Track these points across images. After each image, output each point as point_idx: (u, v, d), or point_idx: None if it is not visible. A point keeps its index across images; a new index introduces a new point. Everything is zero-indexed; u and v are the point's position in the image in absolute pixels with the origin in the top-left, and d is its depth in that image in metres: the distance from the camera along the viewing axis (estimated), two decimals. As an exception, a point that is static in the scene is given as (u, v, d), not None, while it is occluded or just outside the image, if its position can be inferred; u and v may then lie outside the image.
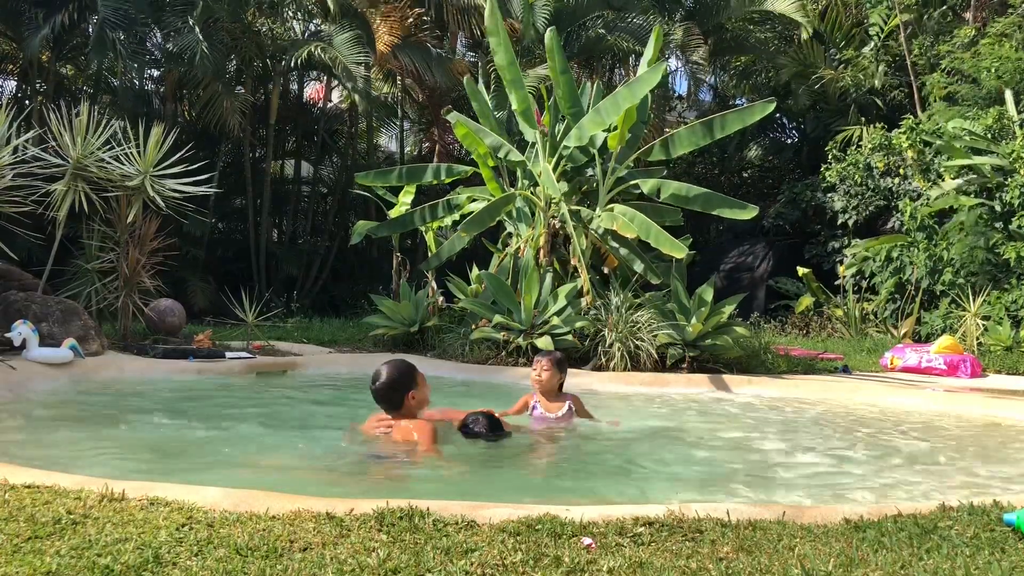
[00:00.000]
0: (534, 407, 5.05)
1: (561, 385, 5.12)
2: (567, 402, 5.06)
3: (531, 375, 5.14)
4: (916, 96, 14.43)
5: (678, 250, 7.81)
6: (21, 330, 6.14)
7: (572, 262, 8.59)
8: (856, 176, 13.55)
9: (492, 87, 12.28)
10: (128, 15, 11.78)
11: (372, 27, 13.54)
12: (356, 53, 12.84)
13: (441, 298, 9.37)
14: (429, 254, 10.26)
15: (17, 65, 14.03)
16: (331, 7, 13.36)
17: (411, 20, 14.11)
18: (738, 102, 18.09)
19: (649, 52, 8.94)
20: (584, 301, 8.10)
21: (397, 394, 4.23)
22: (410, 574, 2.28)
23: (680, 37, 15.04)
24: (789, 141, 18.58)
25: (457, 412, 4.75)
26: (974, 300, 10.81)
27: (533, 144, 9.24)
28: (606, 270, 9.09)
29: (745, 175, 18.46)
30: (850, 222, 13.80)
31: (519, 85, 9.11)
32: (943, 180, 12.14)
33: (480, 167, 9.54)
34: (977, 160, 11.12)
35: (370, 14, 13.56)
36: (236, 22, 13.24)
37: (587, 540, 2.55)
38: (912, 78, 14.49)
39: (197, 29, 12.11)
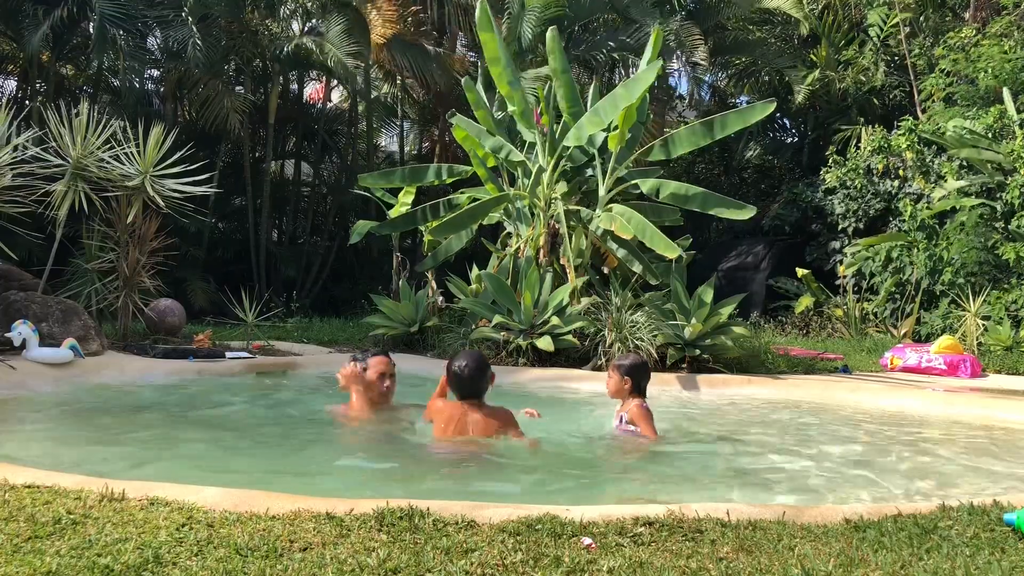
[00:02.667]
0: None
1: (634, 390, 4.84)
2: (620, 410, 4.86)
3: None
4: (915, 96, 14.43)
5: (671, 250, 7.84)
6: (21, 330, 6.13)
7: (562, 261, 8.59)
8: (857, 181, 13.56)
9: (488, 85, 12.28)
10: (126, 12, 11.79)
11: (367, 20, 13.54)
12: (349, 44, 12.82)
13: (441, 298, 9.37)
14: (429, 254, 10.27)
15: (17, 65, 14.04)
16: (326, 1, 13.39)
17: (409, 18, 14.11)
18: (738, 102, 18.09)
19: (648, 52, 8.95)
20: (572, 303, 8.10)
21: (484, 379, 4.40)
22: (410, 574, 2.28)
23: (681, 37, 15.04)
24: (789, 141, 18.58)
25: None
26: (974, 300, 10.81)
27: (533, 144, 9.25)
28: (606, 270, 9.09)
29: (745, 175, 18.47)
30: (850, 229, 13.81)
31: (516, 86, 9.10)
32: (944, 181, 12.15)
33: (476, 168, 9.54)
34: (981, 155, 11.13)
35: (365, 9, 13.57)
36: (233, 21, 13.24)
37: (587, 540, 2.55)
38: (912, 78, 14.49)
39: (191, 21, 12.12)
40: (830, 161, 14.14)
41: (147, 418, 5.25)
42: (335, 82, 16.54)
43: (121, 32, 12.03)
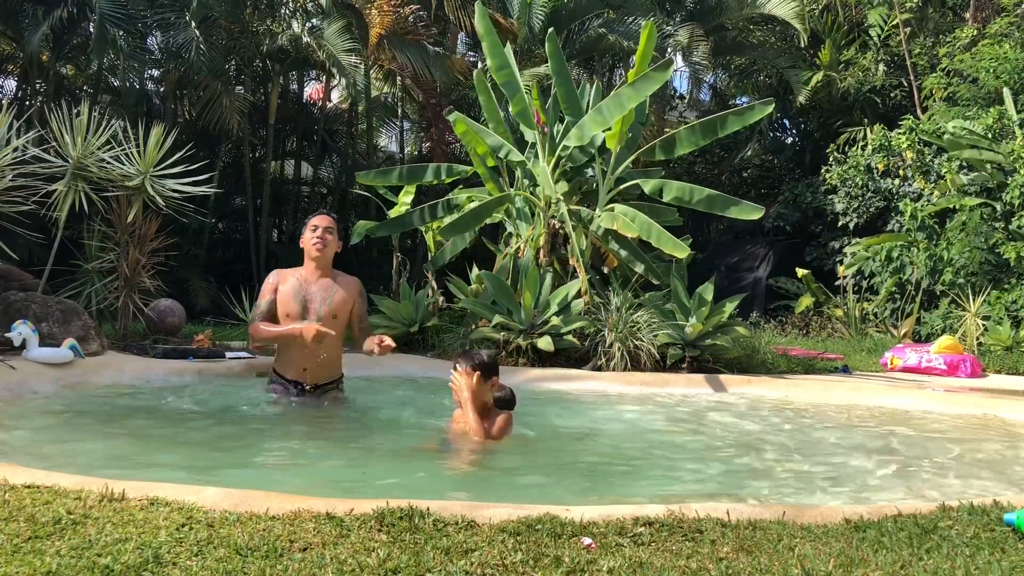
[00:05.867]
0: None
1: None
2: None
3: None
4: (916, 96, 14.43)
5: (680, 250, 7.81)
6: (21, 330, 6.12)
7: (571, 262, 8.59)
8: (857, 179, 13.56)
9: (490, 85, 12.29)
10: (126, 12, 11.80)
11: (367, 19, 13.58)
12: (346, 40, 12.84)
13: (441, 298, 9.37)
14: (429, 254, 10.26)
15: (17, 65, 14.05)
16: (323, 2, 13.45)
17: (408, 16, 14.12)
18: (738, 102, 18.10)
19: (641, 47, 8.75)
20: (582, 301, 8.09)
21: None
22: (410, 574, 2.28)
23: (681, 37, 15.04)
24: (789, 141, 18.59)
25: None
26: (974, 300, 10.81)
27: (533, 144, 9.24)
28: (606, 270, 9.09)
29: (745, 175, 18.47)
30: (851, 224, 13.82)
31: (515, 88, 9.10)
32: (944, 180, 12.16)
33: (477, 166, 9.54)
34: (982, 156, 11.15)
35: (365, 9, 13.60)
36: (234, 22, 13.25)
37: (587, 540, 2.55)
38: (912, 78, 14.50)
39: (193, 24, 12.13)
40: (831, 159, 14.14)
41: (147, 418, 5.26)
42: (335, 82, 16.55)
43: (121, 32, 12.04)
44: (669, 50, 15.11)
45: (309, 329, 5.08)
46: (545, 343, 7.58)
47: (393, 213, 10.50)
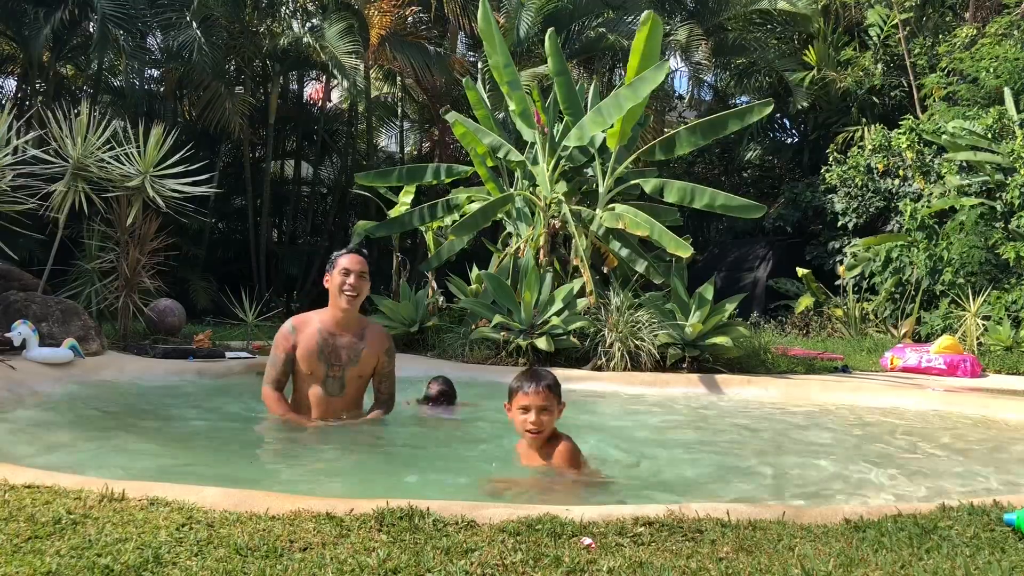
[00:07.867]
0: None
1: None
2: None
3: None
4: (915, 96, 14.43)
5: (683, 249, 7.82)
6: (21, 330, 6.12)
7: (574, 261, 8.59)
8: (857, 179, 13.57)
9: (488, 86, 12.31)
10: (127, 13, 11.81)
11: (367, 20, 13.60)
12: (347, 42, 12.87)
13: (441, 298, 9.38)
14: (429, 254, 10.28)
15: (18, 65, 14.05)
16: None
17: (409, 17, 14.14)
18: (738, 102, 18.11)
19: (644, 43, 8.59)
20: (588, 300, 8.09)
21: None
22: (410, 574, 2.28)
23: (680, 37, 15.05)
24: (789, 141, 18.60)
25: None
26: (974, 300, 10.81)
27: (532, 144, 9.25)
28: (606, 270, 9.10)
29: (745, 175, 18.48)
30: (850, 224, 13.82)
31: (516, 87, 9.11)
32: (943, 180, 12.16)
33: (477, 167, 9.54)
34: (980, 157, 11.15)
35: (365, 9, 13.62)
36: (234, 22, 13.26)
37: (587, 540, 2.55)
38: (912, 78, 14.50)
39: (195, 25, 12.15)
40: (831, 159, 14.15)
41: (147, 418, 5.25)
42: (335, 82, 16.57)
43: (122, 32, 12.05)
44: (669, 50, 15.11)
45: (309, 428, 4.66)
46: (545, 343, 7.58)
47: (393, 213, 10.51)
